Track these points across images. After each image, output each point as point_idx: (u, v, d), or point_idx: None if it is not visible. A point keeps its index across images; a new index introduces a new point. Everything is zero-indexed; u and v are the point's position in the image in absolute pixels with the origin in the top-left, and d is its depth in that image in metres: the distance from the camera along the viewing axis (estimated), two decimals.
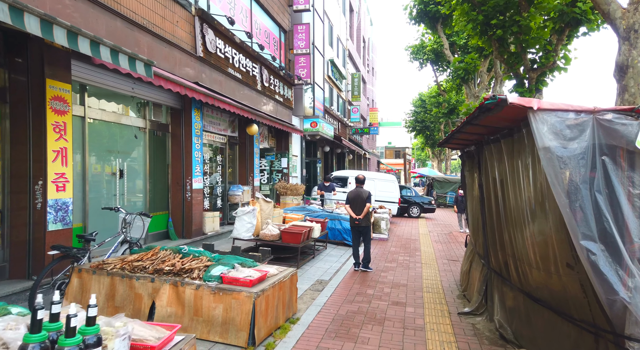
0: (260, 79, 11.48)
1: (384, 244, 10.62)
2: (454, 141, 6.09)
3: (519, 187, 3.75)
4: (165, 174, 8.09)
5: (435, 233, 13.16)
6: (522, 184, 3.68)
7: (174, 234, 7.95)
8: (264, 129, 13.20)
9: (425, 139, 44.11)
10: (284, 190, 11.66)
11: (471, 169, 6.11)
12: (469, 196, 6.31)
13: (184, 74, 7.75)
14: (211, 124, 9.61)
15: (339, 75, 22.44)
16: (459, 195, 13.17)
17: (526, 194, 3.59)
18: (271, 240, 7.20)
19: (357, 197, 7.39)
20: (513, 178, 3.89)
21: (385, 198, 15.87)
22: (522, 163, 3.64)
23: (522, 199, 3.70)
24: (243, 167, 11.21)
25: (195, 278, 4.05)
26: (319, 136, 16.77)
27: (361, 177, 7.62)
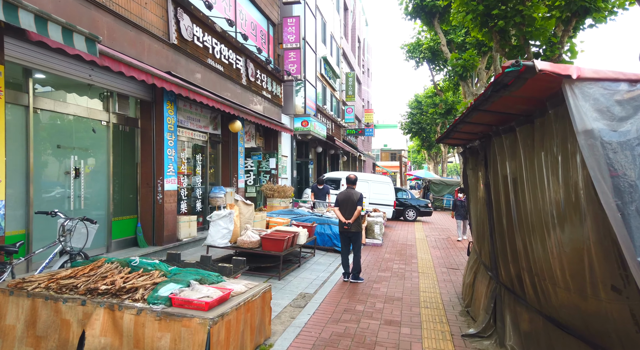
0: (246, 73, 10.71)
1: (378, 250, 9.85)
2: (455, 136, 5.34)
3: (541, 186, 2.99)
4: (134, 173, 7.28)
5: (432, 238, 12.40)
6: (545, 181, 2.92)
7: (143, 240, 7.14)
8: (251, 127, 12.42)
9: (422, 141, 43.48)
10: (270, 193, 10.88)
11: (475, 167, 5.36)
12: (473, 198, 5.55)
13: (155, 63, 6.97)
14: (189, 120, 8.82)
15: (332, 73, 21.72)
16: (457, 199, 11.83)
17: (551, 193, 2.83)
18: (250, 247, 6.41)
19: (347, 199, 6.63)
20: (532, 174, 3.14)
21: (380, 200, 15.12)
22: (546, 155, 2.88)
23: (544, 200, 2.95)
24: (226, 167, 10.42)
25: (138, 299, 3.25)
26: (311, 136, 16.01)
27: (352, 177, 6.85)
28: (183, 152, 8.65)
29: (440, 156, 44.70)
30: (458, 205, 11.72)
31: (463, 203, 11.26)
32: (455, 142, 6.20)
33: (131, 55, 6.31)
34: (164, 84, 6.45)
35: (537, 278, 3.25)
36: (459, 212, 11.67)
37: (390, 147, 64.64)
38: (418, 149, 51.51)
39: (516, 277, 3.80)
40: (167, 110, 7.39)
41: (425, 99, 34.13)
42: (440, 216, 20.45)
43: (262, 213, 8.05)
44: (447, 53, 17.04)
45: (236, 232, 6.74)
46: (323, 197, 11.53)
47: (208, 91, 8.38)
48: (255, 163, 12.63)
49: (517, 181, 3.49)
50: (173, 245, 7.48)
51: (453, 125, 4.65)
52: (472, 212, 5.59)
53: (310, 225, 8.18)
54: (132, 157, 7.23)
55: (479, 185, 5.21)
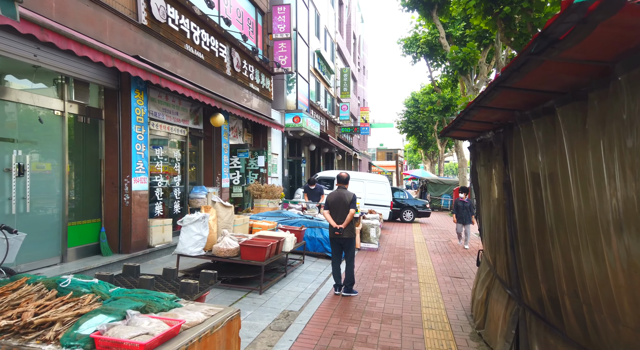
0: (230, 63, 9.86)
1: (374, 255, 9.03)
2: (464, 126, 4.53)
3: (598, 183, 2.18)
4: (97, 171, 6.42)
5: (432, 241, 11.60)
6: (606, 176, 2.11)
7: (107, 247, 6.27)
8: (238, 122, 11.57)
9: (418, 140, 42.82)
10: (257, 193, 10.04)
11: (488, 162, 4.55)
12: (485, 200, 4.73)
13: (119, 45, 6.11)
14: (165, 113, 7.96)
15: (326, 69, 20.90)
16: (458, 200, 10.37)
17: (618, 193, 2.02)
18: (227, 256, 5.57)
19: (338, 201, 5.80)
20: (583, 168, 2.32)
21: (376, 201, 14.31)
22: (608, 141, 2.07)
23: (604, 202, 2.14)
24: (209, 165, 9.56)
25: (48, 340, 2.39)
26: (303, 133, 15.18)
27: (344, 175, 6.03)
28: (158, 148, 7.79)
29: (437, 155, 44.02)
30: (460, 207, 10.32)
31: (465, 204, 10.30)
32: (463, 135, 5.39)
33: (89, 34, 5.45)
34: (128, 68, 5.59)
35: (587, 308, 2.43)
36: (461, 214, 10.31)
37: (387, 147, 63.91)
38: (414, 148, 50.86)
39: (550, 301, 2.99)
40: (135, 100, 6.52)
41: (422, 97, 33.41)
42: (439, 217, 19.68)
43: (244, 216, 7.21)
44: (446, 46, 16.26)
45: (212, 238, 5.89)
46: (316, 198, 10.71)
47: (185, 80, 7.53)
48: (242, 161, 11.77)
49: (556, 178, 2.68)
50: (143, 253, 6.62)
51: (465, 112, 3.83)
52: (484, 216, 4.78)
53: (299, 230, 7.35)
54: (94, 152, 6.36)
55: (493, 185, 4.40)
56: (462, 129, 4.80)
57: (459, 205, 10.37)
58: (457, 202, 10.44)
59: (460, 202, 10.35)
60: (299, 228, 7.44)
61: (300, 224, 8.34)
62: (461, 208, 10.31)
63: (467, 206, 10.20)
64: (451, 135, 5.48)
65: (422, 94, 33.08)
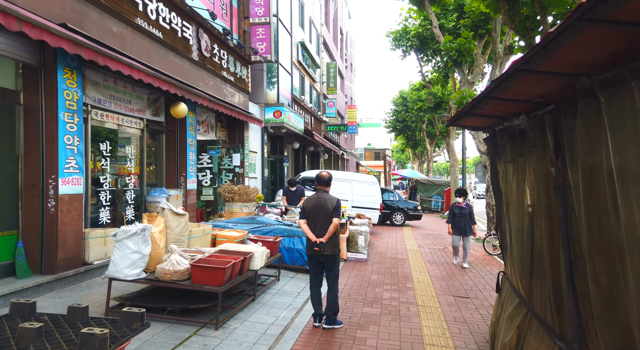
0: (198, 46, 8.55)
1: (363, 267, 7.82)
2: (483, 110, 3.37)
3: None
4: (14, 170, 5.07)
5: (426, 248, 10.46)
6: None
7: (25, 267, 4.94)
8: (210, 116, 10.26)
9: (406, 139, 41.93)
10: (230, 195, 8.74)
11: (518, 158, 3.37)
12: (512, 207, 3.54)
13: (40, 9, 4.78)
14: (114, 100, 6.63)
15: (311, 62, 19.66)
16: (455, 206, 8.30)
17: None
18: (175, 279, 4.29)
19: (318, 208, 4.59)
20: None
21: (365, 204, 13.14)
22: None
23: None
24: (172, 163, 8.24)
25: None
26: (286, 130, 13.92)
27: (325, 175, 4.81)
28: (104, 143, 6.46)
29: (425, 155, 43.17)
30: (456, 214, 8.24)
31: (464, 211, 8.23)
32: (478, 123, 4.21)
33: None
34: (45, 36, 4.28)
35: None
36: (459, 224, 8.22)
37: (374, 146, 63.00)
38: (402, 148, 50.03)
39: None
40: (64, 81, 5.19)
41: (412, 94, 32.45)
42: (430, 219, 18.63)
43: (205, 225, 5.92)
44: (439, 36, 15.18)
45: (158, 255, 4.61)
46: (297, 201, 9.47)
47: (135, 60, 6.22)
48: (215, 159, 10.47)
49: None
50: (75, 272, 5.29)
51: (494, 86, 2.64)
52: (512, 230, 3.59)
53: (274, 240, 6.10)
54: (10, 146, 5.02)
55: (527, 188, 3.23)
56: (479, 115, 3.63)
57: (455, 212, 8.29)
58: (453, 209, 8.33)
59: (457, 208, 8.26)
60: (272, 239, 6.19)
61: (276, 232, 7.10)
62: (458, 215, 8.25)
63: (466, 213, 8.19)
64: (461, 124, 4.29)
65: (411, 90, 32.07)
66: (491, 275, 7.53)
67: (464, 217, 8.23)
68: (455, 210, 8.34)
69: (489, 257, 9.48)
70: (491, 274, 7.63)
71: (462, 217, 8.24)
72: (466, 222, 8.21)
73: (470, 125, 4.40)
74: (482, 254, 9.68)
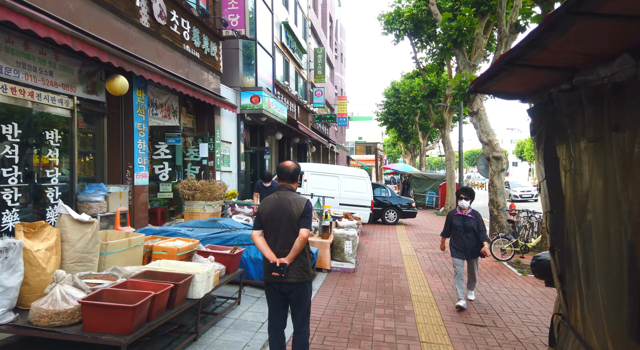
0: (148, 10, 6.98)
1: (350, 280, 6.40)
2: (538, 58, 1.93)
3: None
4: None
5: (424, 253, 9.07)
6: None
7: None
8: (171, 99, 8.71)
9: (398, 132, 40.64)
10: (189, 192, 7.22)
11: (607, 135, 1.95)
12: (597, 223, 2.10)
13: None
14: (24, 69, 5.07)
15: (297, 46, 18.10)
16: (455, 214, 5.50)
17: None
18: (57, 325, 2.81)
19: (278, 214, 3.14)
20: None
21: (354, 201, 11.71)
22: None
23: None
24: (115, 153, 6.70)
25: None
26: (266, 118, 12.40)
27: (289, 166, 3.34)
28: (9, 126, 4.90)
29: (418, 149, 41.90)
30: (457, 227, 5.41)
31: (469, 222, 5.36)
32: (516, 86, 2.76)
33: None
34: None
35: None
36: (462, 241, 5.38)
37: (366, 140, 61.61)
38: (394, 141, 48.78)
39: None
40: None
41: (404, 83, 31.06)
42: (425, 217, 17.29)
43: (136, 234, 4.41)
44: (437, 14, 13.74)
45: (40, 285, 3.11)
46: None
47: (50, 16, 4.66)
48: (179, 150, 8.94)
49: None
50: None
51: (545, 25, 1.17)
52: (598, 258, 2.17)
53: (230, 254, 4.63)
54: None
55: (630, 186, 1.81)
56: (530, 66, 2.19)
57: (455, 223, 5.43)
58: (453, 219, 5.49)
59: (459, 217, 5.44)
60: (229, 251, 4.72)
61: (240, 240, 5.62)
62: (460, 229, 5.38)
63: (473, 225, 5.35)
64: (492, 89, 2.83)
65: (404, 79, 30.58)
66: (506, 290, 6.16)
67: (469, 232, 5.34)
68: (456, 221, 5.41)
69: (497, 263, 8.13)
70: (505, 288, 6.26)
71: (466, 231, 5.34)
72: (473, 238, 5.35)
73: (505, 91, 2.95)
74: (489, 260, 8.31)
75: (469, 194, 5.48)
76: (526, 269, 7.63)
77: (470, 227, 5.35)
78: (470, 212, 5.42)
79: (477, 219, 5.39)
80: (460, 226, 5.38)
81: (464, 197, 5.42)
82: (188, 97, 9.00)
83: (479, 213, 5.50)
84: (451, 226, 5.48)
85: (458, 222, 5.41)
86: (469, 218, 5.38)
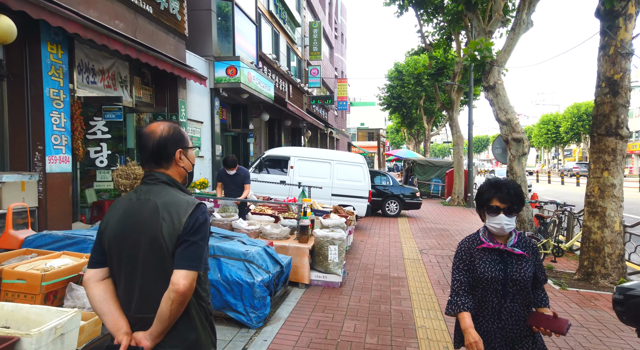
0: None
1: (334, 301, 4.73)
2: None
3: None
4: None
5: (431, 255, 7.40)
6: None
7: None
8: (118, 64, 6.98)
9: (402, 118, 38.67)
10: (127, 182, 5.52)
11: None
12: None
13: None
14: None
15: (288, 17, 16.19)
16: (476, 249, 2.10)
17: None
18: None
19: (131, 235, 1.42)
20: None
21: (348, 191, 10.01)
22: None
23: None
24: (19, 130, 5.00)
25: None
26: (247, 95, 10.65)
27: (153, 132, 1.56)
28: None
29: (422, 134, 39.98)
30: (485, 281, 2.06)
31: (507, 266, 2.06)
32: None
33: None
34: None
35: None
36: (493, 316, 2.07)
37: (368, 126, 59.60)
38: (397, 127, 46.77)
39: None
40: None
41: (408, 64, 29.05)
42: (430, 207, 15.59)
43: None
44: None
45: None
46: (237, 191, 6.28)
47: None
48: (132, 130, 7.23)
49: None
50: None
51: None
52: None
53: None
54: None
55: None
56: None
57: (481, 271, 2.07)
58: (475, 259, 2.11)
59: (491, 255, 2.09)
60: None
61: None
62: (494, 285, 2.06)
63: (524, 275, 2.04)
64: None
65: (409, 56, 28.42)
66: None
67: (516, 294, 2.06)
68: (485, 266, 2.08)
69: None
70: None
71: (506, 294, 2.06)
72: (519, 307, 2.07)
73: None
74: None
75: (511, 199, 2.06)
76: (563, 277, 5.97)
77: (519, 279, 2.05)
78: (516, 241, 2.12)
79: (533, 255, 2.13)
80: (495, 280, 2.05)
81: (502, 208, 2.04)
82: (146, 66, 7.26)
83: (533, 242, 2.29)
84: (473, 279, 2.12)
85: (489, 268, 2.07)
86: (516, 257, 2.09)
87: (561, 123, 54.92)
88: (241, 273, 3.92)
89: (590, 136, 6.27)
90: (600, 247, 5.79)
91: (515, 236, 2.13)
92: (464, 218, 12.79)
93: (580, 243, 6.51)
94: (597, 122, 6.06)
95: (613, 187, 5.87)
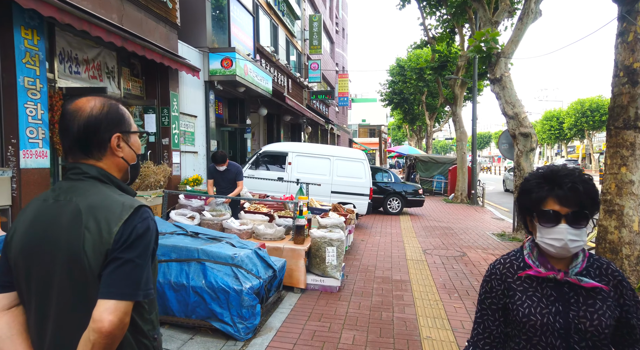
0: None
1: (331, 307, 4.36)
2: None
3: None
4: None
5: (435, 255, 7.02)
6: None
7: None
8: (105, 54, 6.59)
9: (404, 113, 38.21)
10: None
11: None
12: None
13: None
14: None
15: (287, 9, 15.76)
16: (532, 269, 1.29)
17: None
18: None
19: (43, 250, 1.04)
20: None
21: (349, 188, 9.63)
22: None
23: None
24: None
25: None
26: (244, 88, 10.25)
27: (78, 111, 1.19)
28: None
29: (424, 131, 39.55)
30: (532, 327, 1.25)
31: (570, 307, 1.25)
32: None
33: None
34: None
35: None
36: None
37: (369, 123, 59.09)
38: (399, 123, 46.32)
39: None
40: None
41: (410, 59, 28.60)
42: (433, 204, 15.19)
43: None
44: None
45: None
46: (228, 188, 5.90)
47: None
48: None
49: None
50: None
51: None
52: None
53: None
54: None
55: None
56: None
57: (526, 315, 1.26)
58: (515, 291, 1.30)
59: (546, 287, 1.28)
60: None
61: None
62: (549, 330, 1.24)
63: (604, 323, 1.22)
64: None
65: (411, 51, 27.94)
66: None
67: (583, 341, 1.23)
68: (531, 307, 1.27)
69: None
70: None
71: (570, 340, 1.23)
72: None
73: None
74: None
75: (579, 200, 1.24)
76: None
77: (591, 330, 1.23)
78: (585, 266, 1.31)
79: (617, 289, 1.29)
80: (549, 329, 1.25)
81: (563, 215, 1.23)
82: (135, 56, 6.87)
83: (615, 268, 1.32)
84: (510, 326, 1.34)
85: (538, 308, 1.27)
86: (585, 293, 1.27)
87: (564, 119, 54.37)
88: (228, 279, 3.55)
89: (606, 129, 5.87)
90: (618, 249, 5.40)
91: (583, 258, 1.30)
92: (469, 216, 12.39)
93: (595, 244, 6.09)
94: (614, 115, 5.65)
95: (631, 183, 5.48)
